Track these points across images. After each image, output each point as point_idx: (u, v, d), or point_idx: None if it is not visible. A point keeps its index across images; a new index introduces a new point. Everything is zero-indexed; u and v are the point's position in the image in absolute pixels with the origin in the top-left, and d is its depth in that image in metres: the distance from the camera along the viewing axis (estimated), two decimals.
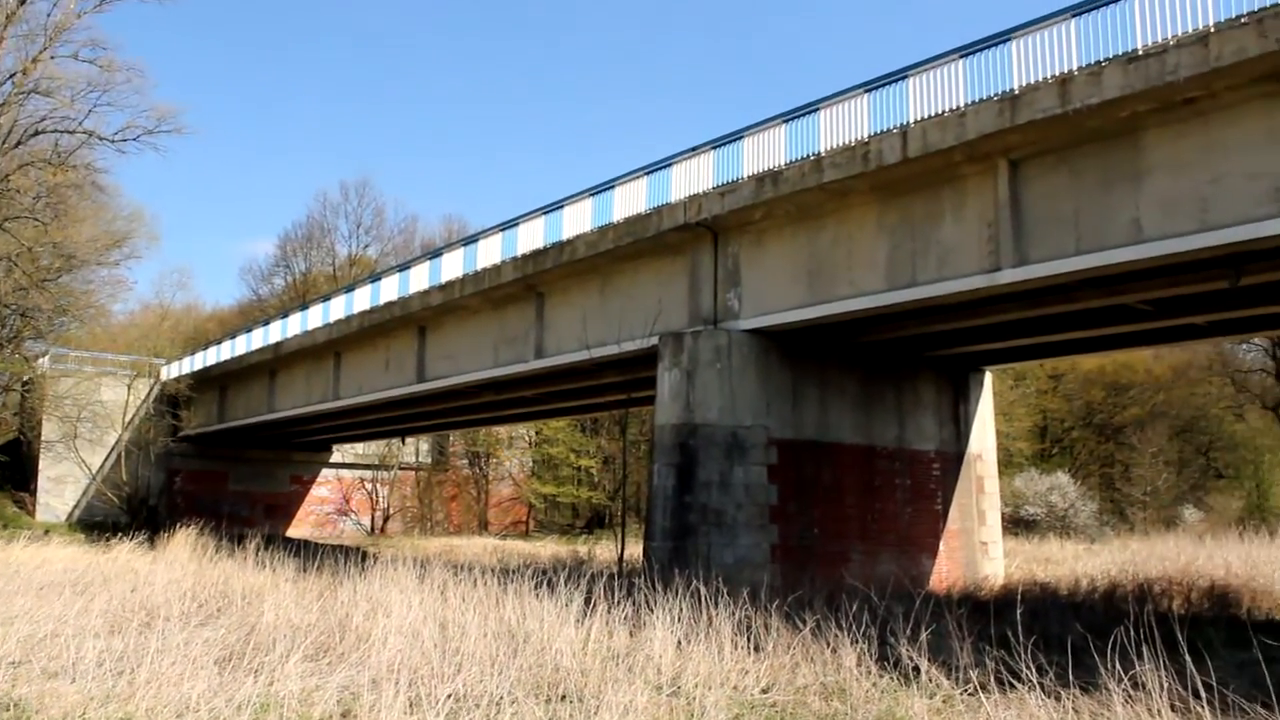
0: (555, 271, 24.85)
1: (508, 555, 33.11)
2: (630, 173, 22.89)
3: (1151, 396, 53.73)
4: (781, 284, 20.14)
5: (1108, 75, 14.61)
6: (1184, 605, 19.27)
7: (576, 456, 54.85)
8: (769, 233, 20.40)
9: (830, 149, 18.54)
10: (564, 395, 32.16)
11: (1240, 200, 13.97)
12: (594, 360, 23.88)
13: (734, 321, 20.81)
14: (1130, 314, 19.64)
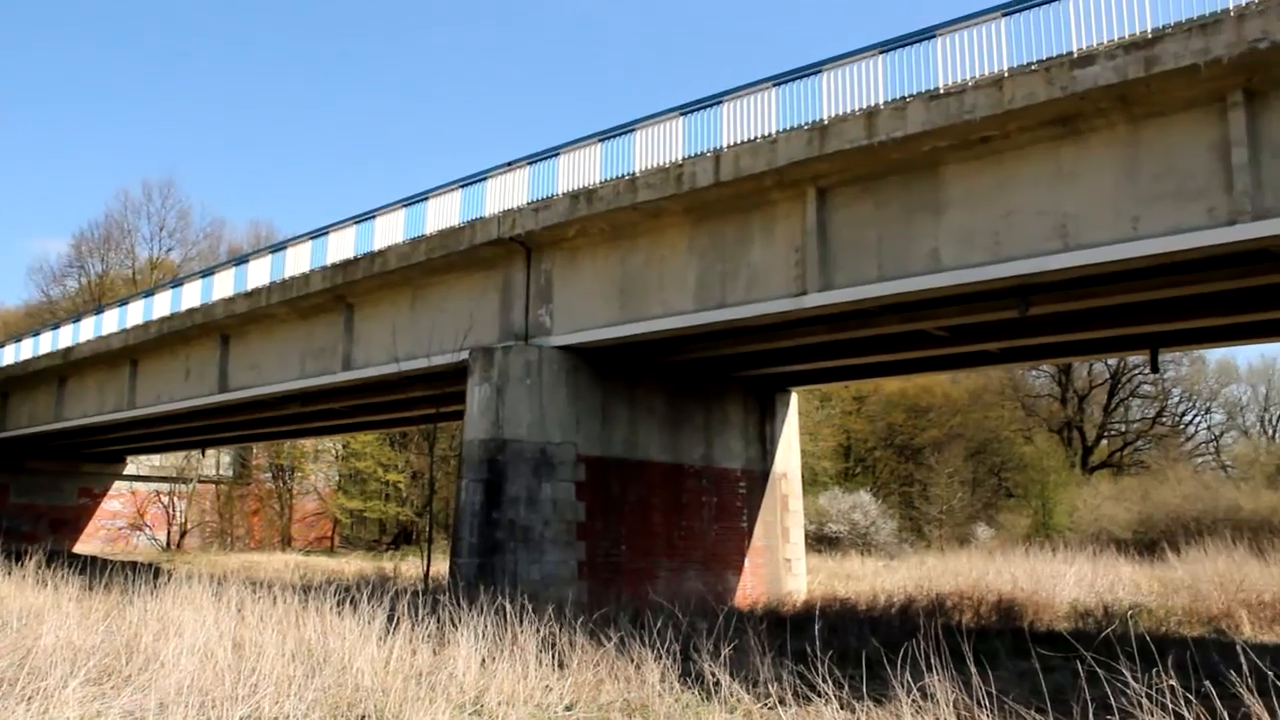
0: (366, 282, 24.38)
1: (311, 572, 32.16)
2: (445, 185, 22.66)
3: (949, 419, 56.03)
4: (594, 301, 20.24)
5: (912, 111, 15.22)
6: (974, 618, 20.07)
7: (384, 471, 53.81)
8: (583, 250, 20.49)
9: (645, 169, 18.75)
10: (373, 408, 31.57)
11: (1030, 235, 14.76)
12: (403, 373, 23.52)
13: (546, 338, 20.80)
14: (929, 339, 20.44)
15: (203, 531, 54.70)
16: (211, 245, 68.34)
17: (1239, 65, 12.76)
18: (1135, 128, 14.06)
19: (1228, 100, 13.23)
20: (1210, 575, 22.46)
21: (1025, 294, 16.46)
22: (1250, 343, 27.78)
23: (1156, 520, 39.89)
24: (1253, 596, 20.42)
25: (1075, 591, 22.90)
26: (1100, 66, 13.52)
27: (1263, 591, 20.55)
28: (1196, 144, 13.59)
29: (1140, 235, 13.81)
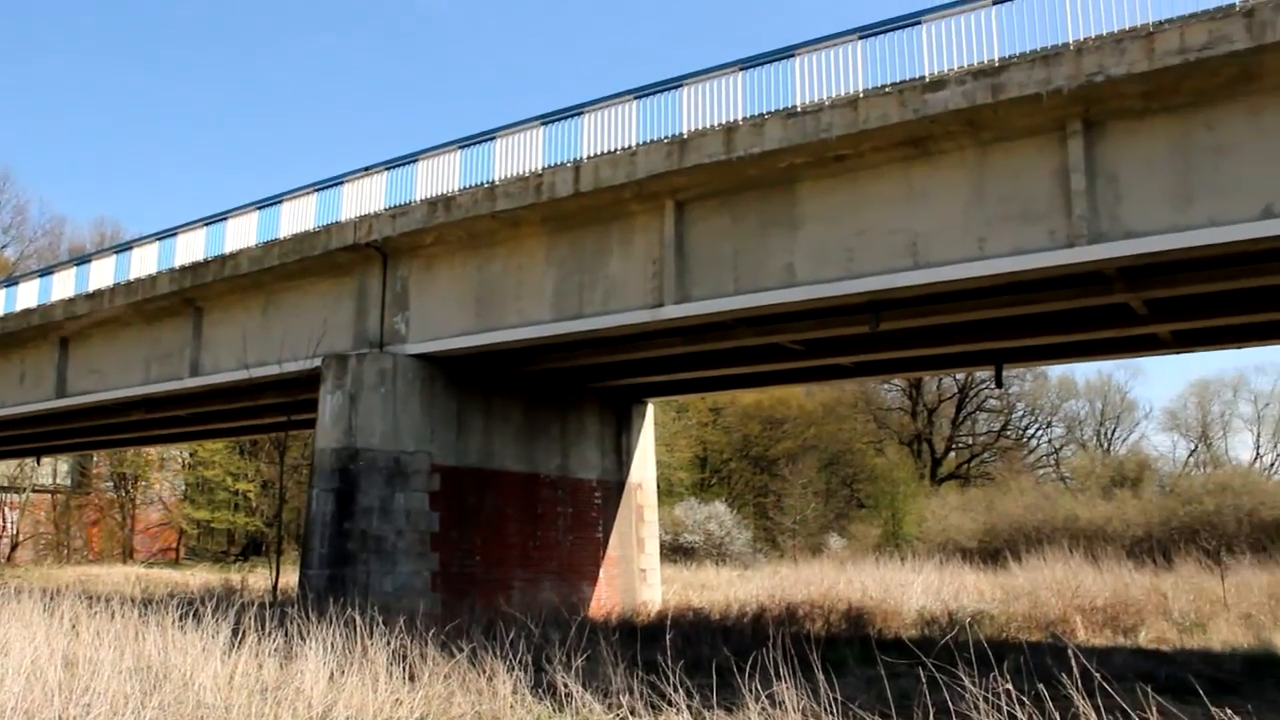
0: (216, 286, 23.69)
1: (154, 585, 31.12)
2: (300, 188, 22.18)
3: (803, 431, 57.08)
4: (450, 310, 20.05)
5: (770, 127, 15.47)
6: (824, 627, 20.45)
7: (234, 480, 52.37)
8: (440, 258, 20.28)
9: (504, 178, 18.65)
10: (222, 416, 30.68)
11: (881, 252, 15.14)
12: (254, 380, 22.93)
13: (401, 345, 20.52)
14: (784, 353, 20.80)
15: (37, 544, 52.40)
16: (51, 243, 65.72)
17: (1078, 96, 13.33)
18: (983, 151, 14.56)
19: (1067, 129, 13.82)
20: (1049, 582, 23.29)
21: (877, 309, 16.87)
22: (1088, 360, 28.94)
23: (1000, 530, 41.25)
24: (1086, 602, 21.27)
25: (922, 599, 23.49)
26: (950, 91, 13.96)
27: (1095, 597, 21.42)
28: (1039, 169, 14.14)
29: (986, 255, 14.30)
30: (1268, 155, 12.75)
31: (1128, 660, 15.20)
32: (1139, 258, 13.69)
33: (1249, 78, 12.74)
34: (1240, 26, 12.31)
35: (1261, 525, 37.42)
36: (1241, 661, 15.86)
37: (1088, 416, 67.12)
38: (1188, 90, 13.07)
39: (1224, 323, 18.16)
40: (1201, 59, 12.49)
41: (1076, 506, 42.80)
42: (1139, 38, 12.88)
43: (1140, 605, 21.19)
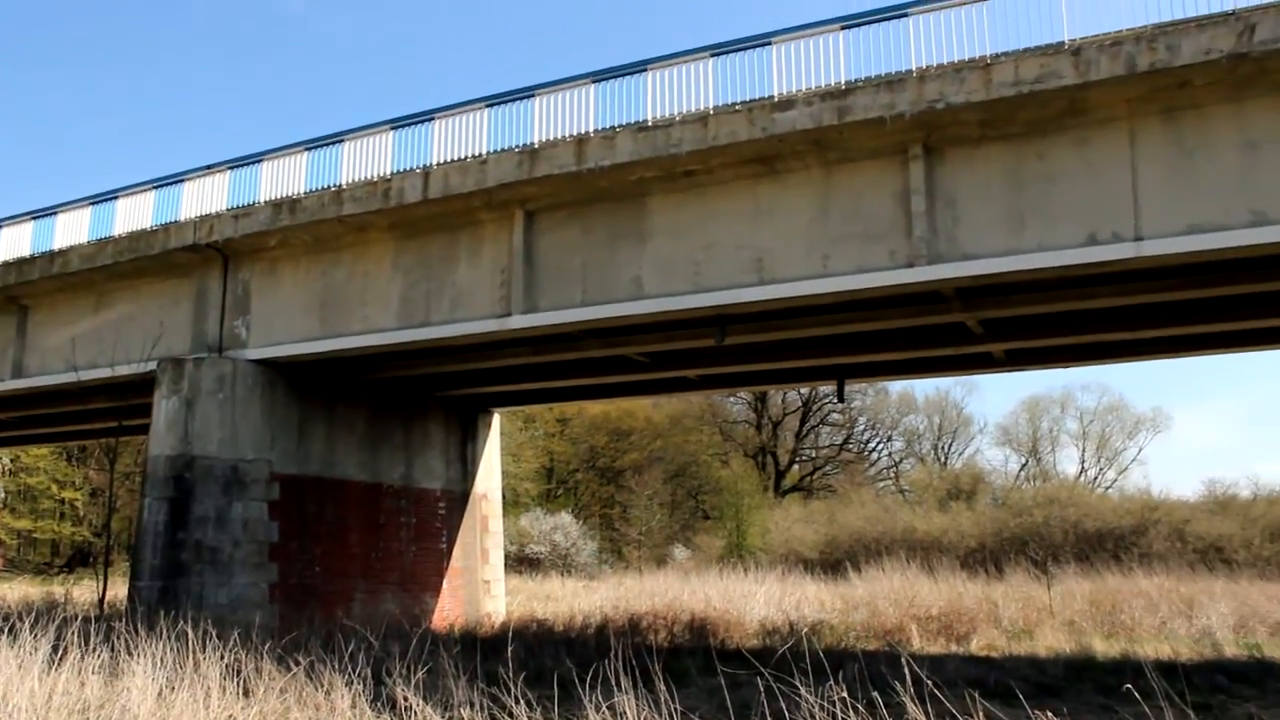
0: (44, 283, 22.62)
1: None
2: (137, 185, 21.34)
3: (650, 442, 57.44)
4: (294, 315, 19.58)
5: (620, 140, 15.55)
6: (667, 638, 20.58)
7: (60, 488, 50.06)
8: (284, 261, 19.80)
9: (352, 182, 18.31)
10: (48, 420, 29.35)
11: (728, 267, 15.36)
12: (83, 383, 22.00)
13: (241, 350, 19.94)
14: (631, 364, 20.91)
15: None
16: None
17: (919, 121, 13.76)
18: (828, 171, 14.90)
19: (909, 152, 14.25)
20: (886, 592, 23.90)
21: (723, 323, 17.10)
22: (927, 376, 29.83)
23: (841, 541, 42.13)
24: (922, 611, 21.89)
25: (765, 610, 23.81)
26: (798, 111, 14.26)
27: (931, 606, 22.06)
28: (882, 191, 14.53)
29: (830, 273, 14.64)
30: (1092, 185, 13.39)
31: (959, 667, 15.66)
32: (975, 279, 14.22)
33: (1076, 111, 13.36)
34: (1069, 63, 12.91)
35: (1085, 536, 39.08)
36: (1064, 666, 16.54)
37: (926, 431, 69.23)
38: (1021, 120, 13.63)
39: (1052, 343, 18.97)
40: (1034, 91, 13.05)
41: (914, 518, 44.01)
42: (977, 68, 13.37)
43: (972, 614, 21.87)
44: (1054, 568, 30.50)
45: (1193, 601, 23.21)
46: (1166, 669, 13.06)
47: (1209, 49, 12.36)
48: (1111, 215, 13.27)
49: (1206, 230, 12.84)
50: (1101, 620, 22.57)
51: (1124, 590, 25.31)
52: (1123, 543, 37.92)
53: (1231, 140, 12.94)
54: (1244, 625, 21.47)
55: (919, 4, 14.07)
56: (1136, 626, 21.81)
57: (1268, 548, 37.03)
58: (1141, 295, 15.47)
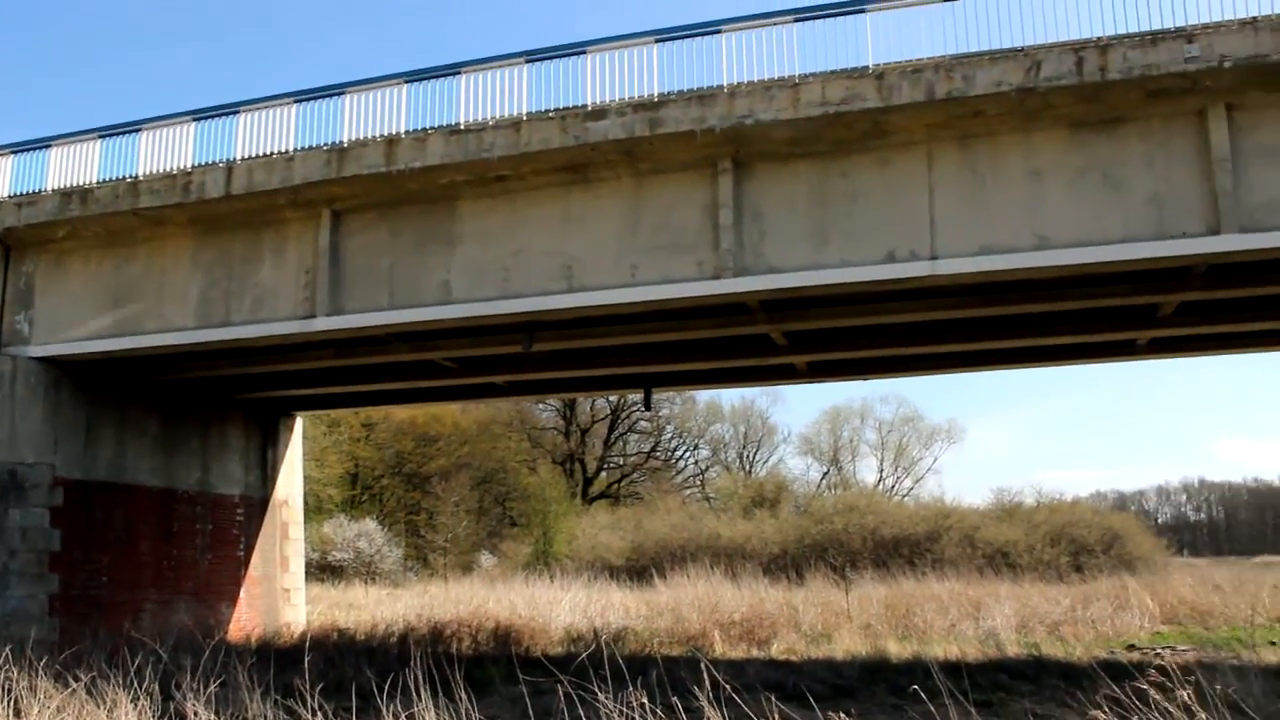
0: None
1: None
2: None
3: (457, 448, 56.78)
4: (83, 311, 18.59)
5: (432, 143, 15.36)
6: (472, 646, 20.42)
7: None
8: (73, 254, 18.79)
9: (150, 173, 17.52)
10: None
11: (537, 274, 15.34)
12: None
13: (23, 347, 18.82)
14: (438, 369, 20.65)
15: None
16: None
17: (729, 136, 14.06)
18: (639, 182, 15.04)
19: (719, 166, 14.52)
20: (691, 599, 24.25)
21: (532, 330, 17.07)
22: (733, 386, 30.46)
23: (647, 548, 42.50)
24: (725, 617, 22.30)
25: (570, 617, 23.89)
26: (611, 121, 14.36)
27: (733, 612, 22.49)
28: (691, 203, 14.76)
29: (638, 282, 14.77)
30: (892, 205, 13.92)
31: (760, 671, 16.02)
32: (779, 292, 14.58)
33: (879, 133, 13.87)
34: (872, 87, 13.40)
35: (882, 543, 40.51)
36: (859, 668, 17.09)
37: (732, 440, 70.67)
38: (827, 140, 14.06)
39: (853, 356, 19.60)
40: (839, 112, 13.50)
41: (719, 525, 44.73)
42: (787, 87, 13.74)
43: (774, 619, 22.40)
44: (852, 573, 31.53)
45: (980, 604, 24.30)
46: (954, 669, 13.62)
47: (1000, 81, 13.04)
48: (909, 235, 13.82)
49: (996, 252, 13.51)
50: (896, 623, 23.39)
51: (918, 594, 26.32)
52: (917, 549, 39.44)
53: (1020, 168, 13.66)
54: (1025, 625, 22.60)
55: (731, 21, 14.36)
56: (928, 629, 22.67)
57: (1048, 552, 39.13)
58: (937, 312, 16.14)
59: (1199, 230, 13.07)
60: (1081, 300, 15.77)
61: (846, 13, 13.99)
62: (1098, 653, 18.66)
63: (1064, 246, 13.35)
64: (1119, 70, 12.78)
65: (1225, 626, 23.03)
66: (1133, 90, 12.99)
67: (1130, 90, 12.99)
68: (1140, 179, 13.33)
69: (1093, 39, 13.03)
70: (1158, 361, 22.45)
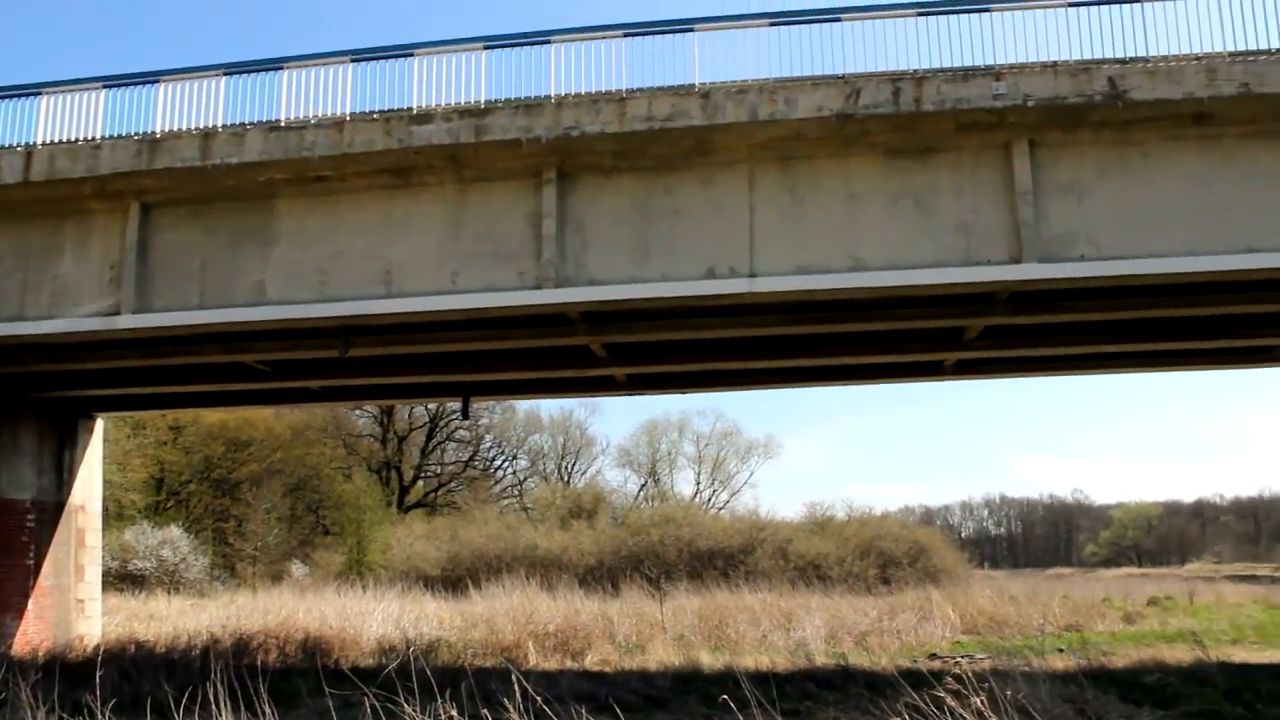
0: None
1: None
2: None
3: (270, 454, 55.16)
4: None
5: (250, 138, 14.87)
6: (279, 658, 19.88)
7: None
8: None
9: None
10: None
11: (356, 278, 15.02)
12: None
13: None
14: (251, 372, 20.02)
15: None
16: None
17: (555, 147, 14.04)
18: (463, 189, 14.89)
19: (543, 176, 14.48)
20: (506, 609, 24.16)
21: (348, 335, 16.69)
22: (552, 396, 30.45)
23: (463, 558, 42.14)
24: (539, 628, 22.26)
25: (383, 628, 23.48)
26: (436, 126, 14.19)
27: (548, 623, 22.47)
28: (515, 212, 14.69)
29: (459, 289, 14.61)
30: (714, 222, 14.16)
31: (573, 682, 16.06)
32: (600, 304, 14.65)
33: (703, 151, 14.09)
34: (698, 105, 13.61)
35: (698, 554, 41.10)
36: (672, 679, 17.30)
37: (551, 450, 70.60)
38: (652, 155, 14.20)
39: (672, 369, 19.84)
40: (665, 128, 13.65)
41: (536, 536, 44.69)
42: (613, 101, 13.83)
43: (589, 630, 22.48)
44: (668, 585, 31.87)
45: (791, 615, 24.91)
46: (764, 678, 13.92)
47: (821, 106, 13.42)
48: (730, 252, 14.07)
49: (813, 272, 13.89)
50: (709, 634, 23.75)
51: (731, 605, 26.81)
52: (732, 561, 40.15)
53: (838, 191, 14.08)
54: (834, 636, 23.26)
55: (561, 33, 14.39)
56: (741, 639, 23.11)
57: (858, 564, 40.37)
58: (756, 328, 16.48)
59: (1003, 258, 13.71)
60: (893, 321, 16.38)
61: (675, 31, 14.20)
62: (902, 662, 19.31)
63: (877, 269, 13.82)
64: (933, 102, 13.31)
65: (1019, 635, 24.13)
66: (945, 122, 13.54)
67: (943, 122, 13.54)
68: (950, 207, 13.91)
69: (909, 71, 13.55)
70: (964, 382, 23.48)
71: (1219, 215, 13.74)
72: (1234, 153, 13.88)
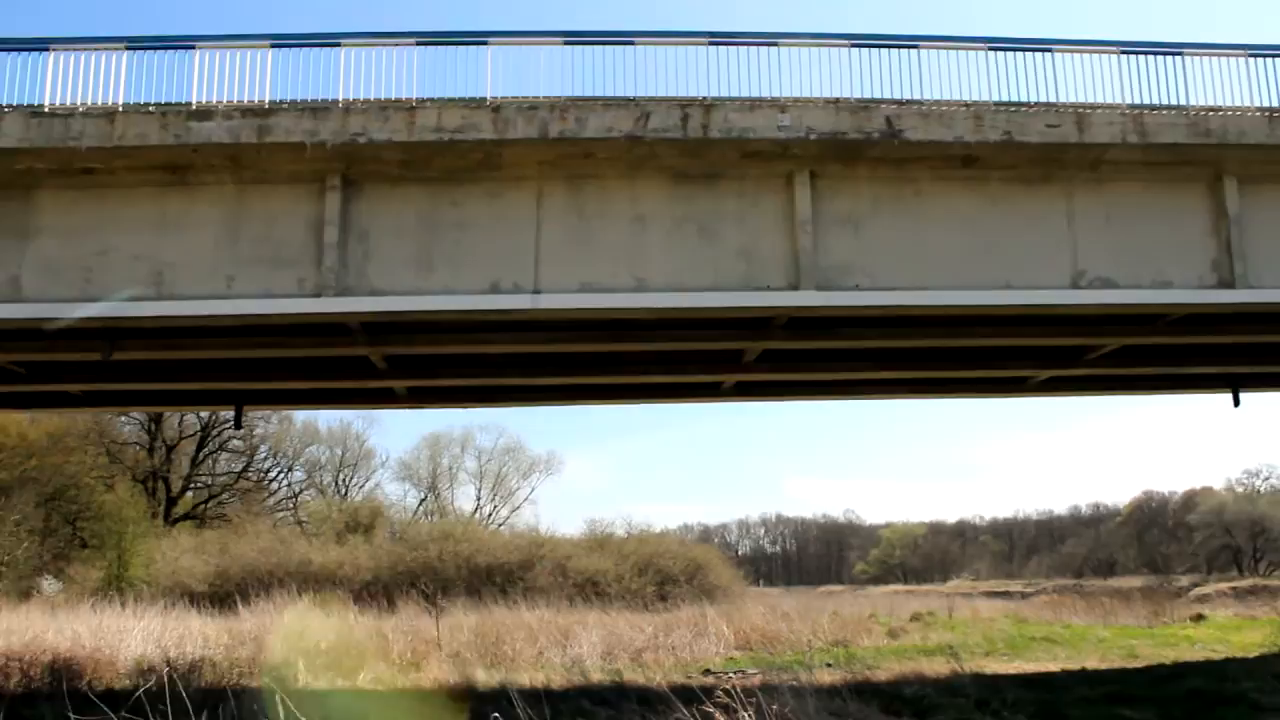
0: None
1: None
2: None
3: (22, 461, 51.77)
4: None
5: (9, 123, 13.91)
6: (22, 682, 18.73)
7: None
8: None
9: None
10: None
11: (123, 277, 14.26)
12: None
13: None
14: (4, 374, 18.81)
15: None
16: None
17: (340, 153, 13.73)
18: (243, 190, 14.37)
19: (328, 182, 14.14)
20: (277, 627, 23.38)
21: (113, 337, 15.89)
22: (331, 408, 29.82)
23: (233, 573, 40.58)
24: (311, 645, 21.62)
25: (143, 647, 22.38)
26: (217, 124, 13.65)
27: (321, 640, 21.85)
28: (296, 217, 14.28)
29: (234, 294, 14.08)
30: (499, 237, 14.16)
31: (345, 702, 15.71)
32: (381, 315, 14.44)
33: (492, 165, 14.06)
34: (489, 119, 13.57)
35: (476, 571, 40.79)
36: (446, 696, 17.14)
37: (328, 462, 68.78)
38: (440, 166, 14.08)
39: (454, 383, 19.67)
40: (454, 140, 13.56)
41: (311, 551, 43.47)
42: (403, 109, 13.64)
43: (363, 648, 21.97)
44: (445, 601, 31.51)
45: (569, 632, 24.95)
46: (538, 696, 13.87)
47: (611, 127, 13.59)
48: (515, 267, 14.07)
49: (597, 290, 14.03)
50: (486, 651, 23.54)
51: (509, 622, 26.68)
52: (511, 577, 40.03)
53: (625, 212, 14.29)
54: (610, 653, 23.39)
55: (351, 36, 14.09)
56: (517, 656, 22.99)
57: (636, 581, 40.83)
58: (539, 345, 16.52)
59: (781, 285, 14.17)
60: (675, 342, 16.68)
61: (469, 42, 14.15)
62: (675, 678, 19.58)
63: (660, 290, 14.07)
64: (720, 130, 13.66)
65: (790, 651, 24.80)
66: (731, 150, 13.92)
67: (729, 149, 13.92)
68: (733, 233, 14.29)
69: (699, 98, 13.88)
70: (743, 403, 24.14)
71: (983, 253, 14.60)
72: (998, 195, 14.79)
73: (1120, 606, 36.11)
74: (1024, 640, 26.01)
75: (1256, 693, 16.16)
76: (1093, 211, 14.95)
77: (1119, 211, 14.99)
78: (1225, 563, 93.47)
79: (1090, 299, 14.87)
